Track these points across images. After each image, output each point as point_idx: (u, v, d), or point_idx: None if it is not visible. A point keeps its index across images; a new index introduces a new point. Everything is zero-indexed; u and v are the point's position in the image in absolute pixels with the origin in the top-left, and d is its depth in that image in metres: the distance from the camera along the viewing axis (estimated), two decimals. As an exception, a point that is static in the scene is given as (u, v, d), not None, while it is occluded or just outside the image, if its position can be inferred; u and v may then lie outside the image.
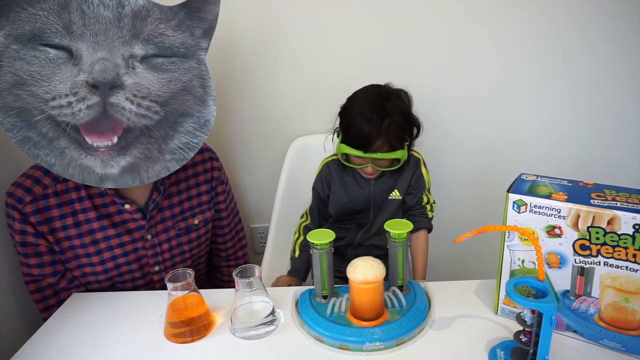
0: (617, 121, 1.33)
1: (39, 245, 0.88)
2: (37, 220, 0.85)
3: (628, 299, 0.65)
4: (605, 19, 1.22)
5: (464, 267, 1.46)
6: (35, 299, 0.91)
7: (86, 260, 0.90)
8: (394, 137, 0.96)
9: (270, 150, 1.40)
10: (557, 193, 0.68)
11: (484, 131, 1.37)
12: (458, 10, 1.24)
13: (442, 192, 1.42)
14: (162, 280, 0.98)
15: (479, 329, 0.74)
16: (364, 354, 0.71)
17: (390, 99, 0.97)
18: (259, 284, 0.76)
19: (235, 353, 0.73)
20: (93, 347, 0.75)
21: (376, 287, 0.72)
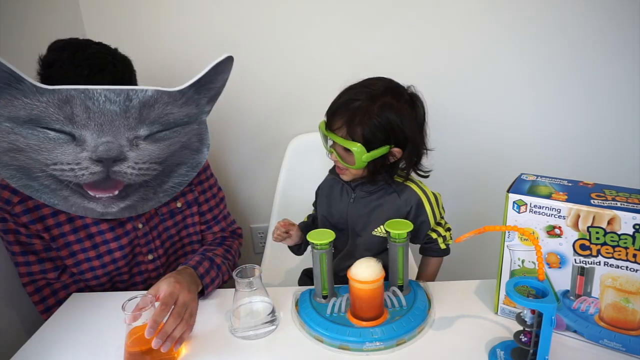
0: (617, 121, 1.33)
1: (34, 245, 0.87)
2: (29, 219, 0.85)
3: (628, 299, 0.65)
4: (606, 19, 1.23)
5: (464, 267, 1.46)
6: (35, 301, 0.90)
7: (83, 256, 0.90)
8: (356, 122, 0.82)
9: (269, 150, 1.41)
10: (557, 193, 0.68)
11: (484, 131, 1.37)
12: (459, 9, 1.24)
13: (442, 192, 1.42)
14: (157, 270, 0.99)
15: (479, 329, 0.74)
16: (364, 354, 0.71)
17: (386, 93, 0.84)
18: (259, 284, 0.76)
19: (235, 353, 0.73)
20: (93, 348, 0.75)
21: (376, 287, 0.72)
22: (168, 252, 1.01)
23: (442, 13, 1.24)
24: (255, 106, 1.36)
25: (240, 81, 1.32)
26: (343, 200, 0.94)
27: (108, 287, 0.95)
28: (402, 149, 0.86)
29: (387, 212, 0.89)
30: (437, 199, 0.93)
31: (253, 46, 1.28)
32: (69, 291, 0.92)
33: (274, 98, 1.35)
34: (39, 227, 0.86)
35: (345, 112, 0.84)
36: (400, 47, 1.28)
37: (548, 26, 1.24)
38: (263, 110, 1.37)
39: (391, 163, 0.88)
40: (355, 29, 1.26)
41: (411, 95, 0.88)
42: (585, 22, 1.23)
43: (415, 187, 0.91)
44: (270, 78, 1.32)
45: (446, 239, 0.95)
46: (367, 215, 0.91)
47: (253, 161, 1.44)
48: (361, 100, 0.83)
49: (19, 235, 0.86)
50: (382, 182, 0.90)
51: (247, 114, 1.37)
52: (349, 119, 0.83)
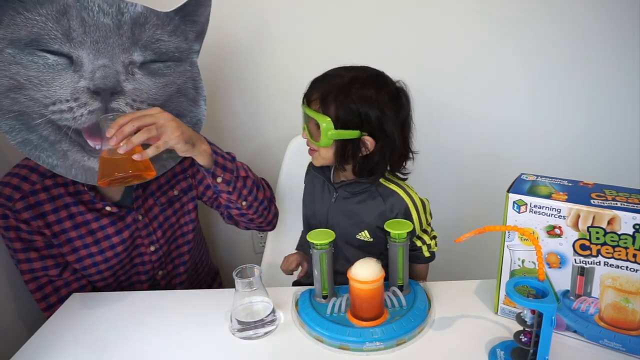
0: (617, 121, 1.33)
1: (35, 242, 0.88)
2: (30, 215, 0.85)
3: (628, 299, 0.65)
4: (605, 19, 1.22)
5: (464, 267, 1.46)
6: (37, 299, 0.91)
7: (85, 252, 0.90)
8: (331, 98, 0.80)
9: (269, 150, 1.40)
10: (557, 193, 0.68)
11: (484, 131, 1.37)
12: (458, 9, 1.24)
13: (442, 192, 1.42)
14: (160, 260, 1.00)
15: (479, 329, 0.74)
16: (364, 354, 0.71)
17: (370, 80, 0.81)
18: (259, 284, 0.76)
19: (235, 353, 0.73)
20: (93, 348, 0.75)
21: (376, 287, 0.72)
22: (169, 241, 1.02)
23: (441, 13, 1.24)
24: (255, 106, 1.36)
25: (240, 81, 1.32)
26: (325, 199, 0.92)
27: (111, 282, 0.96)
28: (375, 140, 0.82)
29: (370, 217, 0.86)
30: (425, 205, 0.89)
31: (253, 46, 1.28)
32: (71, 289, 0.92)
33: (273, 98, 1.35)
34: (40, 224, 0.86)
35: (324, 85, 0.82)
36: (400, 48, 1.27)
37: (548, 26, 1.24)
38: (262, 111, 1.37)
39: (364, 156, 0.84)
40: (355, 29, 1.26)
41: (397, 90, 0.85)
42: (585, 22, 1.23)
43: (402, 193, 0.86)
44: (270, 78, 1.32)
45: (430, 247, 0.92)
46: (349, 218, 0.88)
47: (253, 161, 1.44)
48: (343, 79, 0.81)
49: (20, 232, 0.86)
50: (366, 184, 0.87)
51: (247, 114, 1.37)
52: (324, 93, 0.81)
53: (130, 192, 0.95)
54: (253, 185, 0.97)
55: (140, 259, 0.98)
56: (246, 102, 1.35)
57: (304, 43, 1.28)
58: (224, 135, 1.39)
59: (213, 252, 1.50)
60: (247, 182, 0.95)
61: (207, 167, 0.88)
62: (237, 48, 1.28)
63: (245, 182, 0.94)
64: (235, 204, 0.96)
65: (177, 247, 1.05)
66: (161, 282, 1.03)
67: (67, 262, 0.91)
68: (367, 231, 0.87)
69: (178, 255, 1.05)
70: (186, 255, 1.06)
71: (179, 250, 1.05)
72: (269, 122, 1.38)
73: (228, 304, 0.80)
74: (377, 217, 0.86)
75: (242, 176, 0.94)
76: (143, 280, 1.00)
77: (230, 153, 0.95)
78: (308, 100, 0.85)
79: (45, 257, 0.89)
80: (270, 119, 1.38)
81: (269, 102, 1.35)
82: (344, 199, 0.89)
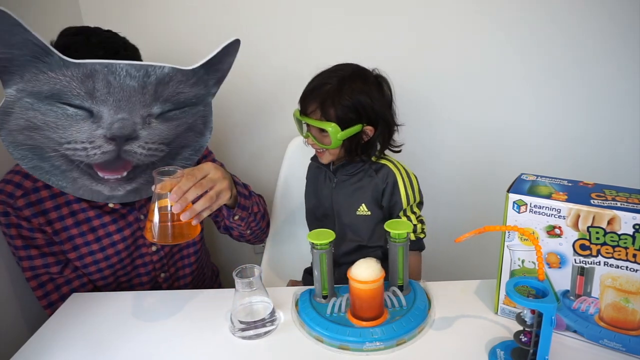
0: (617, 121, 1.33)
1: (36, 239, 0.88)
2: (32, 213, 0.86)
3: (628, 299, 0.65)
4: (606, 19, 1.23)
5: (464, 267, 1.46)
6: (38, 296, 0.91)
7: (86, 249, 0.91)
8: (329, 104, 0.87)
9: (269, 150, 1.40)
10: (557, 193, 0.68)
11: (484, 131, 1.37)
12: (457, 10, 1.24)
13: (443, 192, 1.43)
14: (161, 261, 1.00)
15: (479, 329, 0.74)
16: (364, 354, 0.71)
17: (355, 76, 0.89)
18: (259, 284, 0.76)
19: (235, 353, 0.73)
20: (93, 348, 0.75)
21: (376, 287, 0.72)
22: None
23: (441, 14, 1.24)
24: (255, 106, 1.36)
25: (240, 81, 1.32)
26: (327, 187, 0.99)
27: (111, 281, 0.96)
28: (374, 127, 0.91)
29: (367, 192, 0.94)
30: (412, 179, 0.95)
31: (253, 46, 1.28)
32: (72, 286, 0.93)
33: (273, 98, 1.35)
34: (41, 221, 0.87)
35: (317, 95, 0.89)
36: (400, 48, 1.27)
37: (548, 26, 1.24)
38: (262, 111, 1.37)
39: (366, 142, 0.93)
40: (355, 30, 1.26)
41: (377, 77, 0.93)
42: (585, 22, 1.23)
43: (391, 165, 0.95)
44: (270, 78, 1.32)
45: (416, 230, 0.94)
46: (350, 197, 0.96)
47: (253, 162, 1.44)
48: (332, 84, 0.88)
49: (21, 229, 0.86)
50: (360, 162, 0.94)
51: (247, 114, 1.37)
52: (321, 102, 0.88)
53: None
54: (261, 218, 1.02)
55: (141, 259, 0.98)
56: (246, 103, 1.35)
57: (304, 43, 1.28)
58: (224, 136, 1.39)
59: (213, 252, 1.50)
60: (257, 216, 1.01)
61: (230, 207, 0.92)
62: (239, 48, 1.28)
63: (255, 217, 0.99)
64: (239, 230, 1.01)
65: (180, 249, 1.05)
66: (163, 285, 1.03)
67: (68, 260, 0.92)
68: (364, 204, 0.95)
69: (181, 257, 1.05)
70: (192, 257, 1.06)
71: (181, 253, 1.05)
72: (269, 122, 1.38)
73: (228, 304, 0.80)
74: (372, 190, 0.94)
75: (255, 212, 0.98)
76: (144, 281, 1.00)
77: (247, 186, 0.98)
78: (305, 112, 0.92)
79: (47, 255, 0.89)
80: (270, 120, 1.38)
81: (269, 103, 1.35)
82: (343, 182, 0.97)
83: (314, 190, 1.03)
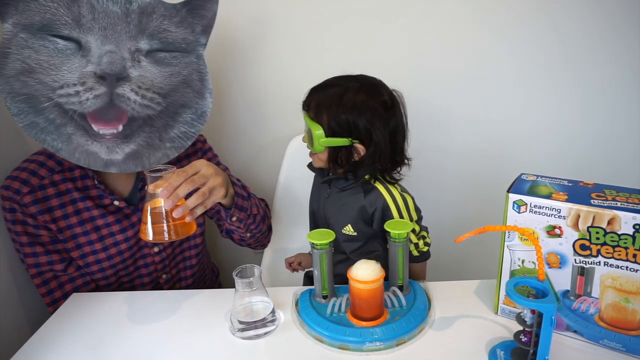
0: (617, 121, 1.33)
1: (41, 236, 0.88)
2: (37, 210, 0.86)
3: (628, 299, 0.65)
4: (603, 19, 1.22)
5: (464, 267, 1.46)
6: (42, 293, 0.91)
7: (89, 248, 0.91)
8: (324, 108, 0.85)
9: (269, 150, 1.40)
10: (557, 193, 0.68)
11: (483, 131, 1.37)
12: (460, 10, 1.24)
13: (442, 193, 1.43)
14: (163, 262, 1.00)
15: (479, 329, 0.74)
16: (364, 354, 0.71)
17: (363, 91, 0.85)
18: (259, 284, 0.76)
19: (235, 353, 0.73)
20: (93, 348, 0.75)
21: (376, 287, 0.72)
22: (174, 244, 1.02)
23: (440, 14, 1.24)
24: (255, 106, 1.36)
25: (240, 81, 1.32)
26: (322, 196, 0.98)
27: (113, 281, 0.96)
28: (366, 147, 0.85)
29: (352, 211, 0.90)
30: (407, 201, 0.89)
31: (254, 46, 1.28)
32: (75, 284, 0.93)
33: (273, 98, 1.35)
34: (46, 218, 0.87)
35: (320, 94, 0.88)
36: (400, 48, 1.27)
37: (545, 26, 1.24)
38: (262, 111, 1.37)
39: (356, 161, 0.87)
40: (355, 31, 1.26)
41: (391, 98, 0.87)
42: (582, 21, 1.23)
43: (382, 189, 0.88)
44: (270, 78, 1.32)
45: (418, 246, 0.91)
46: (337, 212, 0.93)
47: (253, 161, 1.44)
48: (338, 88, 0.86)
49: (27, 226, 0.87)
50: (352, 179, 0.90)
51: (247, 114, 1.37)
52: (319, 102, 0.87)
53: (137, 189, 0.96)
54: (261, 221, 1.02)
55: (143, 260, 0.98)
56: (246, 102, 1.35)
57: (304, 43, 1.28)
58: (224, 135, 1.39)
59: (213, 253, 1.50)
60: (257, 218, 1.00)
61: (227, 207, 0.91)
62: (238, 48, 1.28)
63: (254, 219, 0.99)
64: (239, 233, 1.00)
65: (182, 251, 1.05)
66: (164, 287, 1.03)
67: (72, 258, 0.92)
68: (350, 225, 0.91)
69: (183, 259, 1.05)
70: (194, 259, 1.06)
71: (183, 254, 1.05)
72: (269, 122, 1.38)
73: (228, 304, 0.80)
74: (358, 211, 0.89)
75: (254, 214, 0.98)
76: (146, 282, 1.00)
77: (246, 188, 0.98)
78: (307, 107, 0.90)
79: (51, 252, 0.89)
80: (270, 119, 1.37)
81: (269, 103, 1.35)
82: (335, 194, 0.94)
83: (316, 196, 1.02)
